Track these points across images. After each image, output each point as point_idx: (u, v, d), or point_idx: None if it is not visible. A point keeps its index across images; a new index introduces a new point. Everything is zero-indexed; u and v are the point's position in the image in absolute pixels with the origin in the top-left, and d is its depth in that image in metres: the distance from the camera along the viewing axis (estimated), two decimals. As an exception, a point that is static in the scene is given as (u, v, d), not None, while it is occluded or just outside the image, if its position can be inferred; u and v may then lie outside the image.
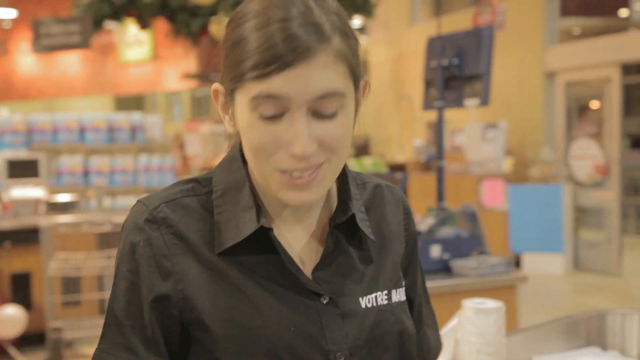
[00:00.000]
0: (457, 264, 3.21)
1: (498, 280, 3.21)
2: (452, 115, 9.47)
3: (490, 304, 1.64)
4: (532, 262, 8.17)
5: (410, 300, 1.17)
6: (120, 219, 5.24)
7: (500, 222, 8.28)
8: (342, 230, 1.05)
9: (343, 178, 1.08)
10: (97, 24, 5.89)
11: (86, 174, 6.20)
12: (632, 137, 14.04)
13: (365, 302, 1.04)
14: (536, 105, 9.10)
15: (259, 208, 1.00)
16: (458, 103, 3.42)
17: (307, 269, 1.03)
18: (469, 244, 3.30)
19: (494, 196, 8.40)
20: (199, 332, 0.98)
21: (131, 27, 6.74)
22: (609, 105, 8.08)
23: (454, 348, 1.64)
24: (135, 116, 6.45)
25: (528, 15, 9.13)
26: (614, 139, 8.02)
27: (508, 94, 9.23)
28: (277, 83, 0.90)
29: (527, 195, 8.22)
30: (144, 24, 5.86)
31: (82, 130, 6.30)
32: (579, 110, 8.74)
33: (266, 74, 0.90)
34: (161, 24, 6.47)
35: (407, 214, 1.19)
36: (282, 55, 0.89)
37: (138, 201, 1.03)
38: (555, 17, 9.00)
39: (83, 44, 5.78)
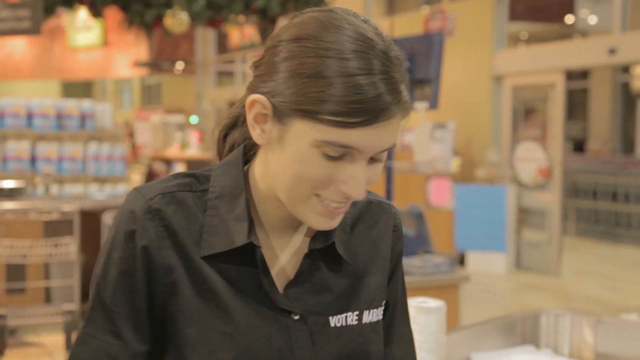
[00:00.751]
0: (404, 262, 3.30)
1: (442, 279, 3.31)
2: (402, 114, 9.60)
3: (432, 303, 1.72)
4: (475, 261, 8.36)
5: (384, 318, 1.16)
6: (68, 207, 5.20)
7: (446, 221, 8.45)
8: (320, 251, 1.07)
9: None
10: (49, 10, 5.80)
11: (33, 160, 6.12)
12: (574, 141, 14.44)
13: (335, 321, 1.06)
14: (483, 108, 9.30)
15: (252, 221, 1.02)
16: (408, 105, 3.51)
17: (282, 283, 1.05)
18: (415, 243, 3.40)
19: (440, 195, 8.57)
20: (172, 327, 1.01)
21: (81, 12, 6.64)
22: (553, 110, 8.31)
23: (397, 344, 1.72)
24: (86, 104, 6.39)
25: (477, 19, 9.31)
26: (557, 142, 8.25)
27: (456, 95, 9.41)
28: (355, 137, 0.91)
29: (473, 195, 8.40)
30: (96, 13, 5.81)
31: (29, 116, 6.21)
32: (524, 114, 8.96)
33: (348, 125, 0.90)
34: (113, 11, 6.42)
35: (397, 233, 1.18)
36: (368, 113, 0.89)
37: (135, 189, 1.04)
38: (504, 21, 9.20)
39: (34, 30, 5.69)
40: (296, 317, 1.03)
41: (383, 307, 1.14)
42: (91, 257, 5.43)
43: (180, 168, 10.71)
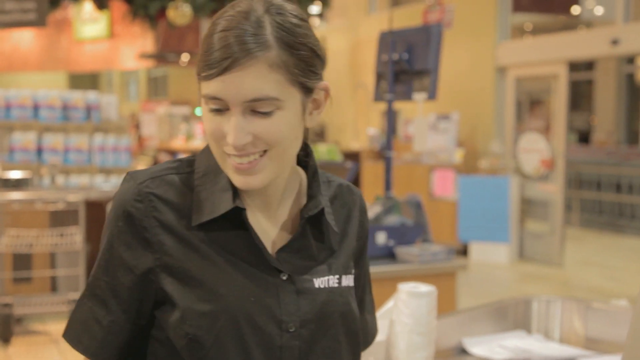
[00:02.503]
0: (401, 250, 3.35)
1: (439, 267, 3.36)
2: (406, 106, 9.63)
3: (423, 288, 1.76)
4: (479, 251, 8.40)
5: (356, 287, 1.29)
6: (74, 197, 5.26)
7: (449, 212, 8.49)
8: (310, 221, 1.19)
9: (314, 175, 1.22)
10: (54, 2, 5.85)
11: (39, 151, 6.18)
12: (579, 132, 14.43)
13: (318, 283, 1.18)
14: (487, 99, 9.31)
15: (235, 191, 1.13)
16: (407, 96, 3.55)
17: (272, 251, 1.17)
18: (413, 232, 3.44)
19: (444, 186, 8.60)
20: (170, 294, 1.11)
21: (87, 4, 6.69)
22: (557, 101, 8.32)
23: (389, 328, 1.77)
24: (91, 95, 6.44)
25: (481, 10, 9.31)
26: (560, 133, 8.27)
27: (460, 86, 9.42)
28: (216, 86, 1.06)
29: (476, 186, 8.43)
30: (101, 5, 5.85)
31: (36, 107, 6.26)
32: (528, 105, 8.97)
33: (207, 77, 1.06)
34: (118, 3, 6.46)
35: (363, 213, 1.33)
36: (218, 63, 1.04)
37: (128, 174, 1.16)
38: (507, 13, 9.21)
39: (39, 22, 5.73)
40: (284, 277, 1.15)
41: (353, 275, 1.26)
42: (96, 247, 5.49)
43: (185, 159, 10.78)
